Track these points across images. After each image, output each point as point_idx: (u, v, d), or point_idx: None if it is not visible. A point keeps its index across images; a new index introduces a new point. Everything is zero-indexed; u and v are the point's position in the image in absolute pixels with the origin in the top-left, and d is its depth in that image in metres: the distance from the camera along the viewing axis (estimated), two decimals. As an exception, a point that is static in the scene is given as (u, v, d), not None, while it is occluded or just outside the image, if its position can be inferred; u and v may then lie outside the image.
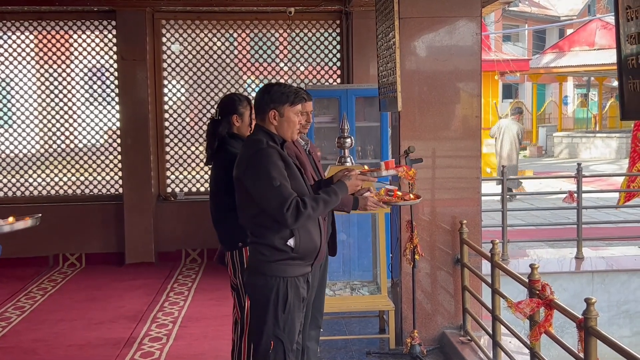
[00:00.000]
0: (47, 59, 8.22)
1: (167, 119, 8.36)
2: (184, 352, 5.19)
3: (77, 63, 8.27)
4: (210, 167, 4.10)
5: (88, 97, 8.30)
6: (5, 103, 8.35)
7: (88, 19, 8.14)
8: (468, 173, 5.19)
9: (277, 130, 3.33)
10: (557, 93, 29.27)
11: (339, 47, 8.39)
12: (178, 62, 8.35)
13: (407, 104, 5.03)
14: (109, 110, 8.31)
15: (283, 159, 3.24)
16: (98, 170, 8.37)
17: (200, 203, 7.85)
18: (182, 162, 8.45)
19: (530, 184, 14.49)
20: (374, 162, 7.20)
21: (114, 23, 8.06)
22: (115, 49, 8.10)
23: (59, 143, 8.27)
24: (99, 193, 8.33)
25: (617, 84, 2.56)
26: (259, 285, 3.26)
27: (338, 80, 8.41)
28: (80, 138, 8.33)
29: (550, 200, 12.46)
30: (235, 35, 8.48)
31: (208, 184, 4.29)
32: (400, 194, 4.12)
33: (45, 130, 8.27)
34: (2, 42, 8.18)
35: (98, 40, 8.24)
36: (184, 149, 8.43)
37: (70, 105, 8.27)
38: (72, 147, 8.29)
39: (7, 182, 8.26)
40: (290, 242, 3.22)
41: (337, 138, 5.25)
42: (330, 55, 8.42)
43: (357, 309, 5.49)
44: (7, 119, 8.35)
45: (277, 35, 8.58)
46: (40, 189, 8.28)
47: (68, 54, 8.27)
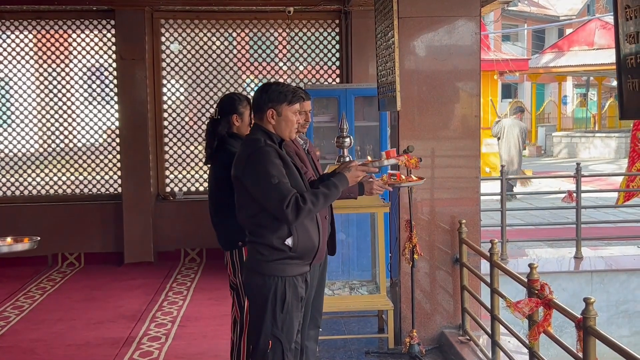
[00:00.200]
0: (46, 58, 8.21)
1: (166, 119, 8.36)
2: (183, 351, 5.19)
3: (76, 62, 8.27)
4: (210, 166, 4.10)
5: (87, 96, 8.30)
6: (4, 102, 8.34)
7: (87, 18, 8.14)
8: (467, 173, 5.19)
9: (275, 130, 3.33)
10: (556, 93, 29.28)
11: (338, 46, 8.39)
12: (177, 61, 8.35)
13: (406, 104, 5.03)
14: (108, 110, 8.30)
15: (281, 158, 3.24)
16: (97, 170, 8.36)
17: (200, 203, 7.84)
18: (181, 161, 8.44)
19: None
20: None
21: (113, 22, 8.06)
22: (114, 48, 8.10)
23: (58, 142, 8.27)
24: (98, 192, 8.33)
25: (616, 84, 2.56)
26: (257, 285, 3.26)
27: (337, 80, 8.41)
28: (79, 137, 8.32)
29: (550, 200, 12.46)
30: (235, 35, 8.48)
31: (207, 184, 4.28)
32: (404, 177, 4.13)
33: (44, 130, 8.27)
34: (1, 41, 8.17)
35: (97, 40, 8.24)
36: (183, 149, 8.42)
37: (69, 105, 8.27)
38: (71, 146, 8.29)
39: (6, 181, 8.25)
40: (288, 241, 3.21)
41: (336, 137, 5.25)
42: (330, 55, 8.42)
43: (356, 309, 5.49)
44: (6, 118, 8.34)
45: (276, 35, 8.58)
46: (39, 189, 8.27)
47: (67, 53, 8.27)
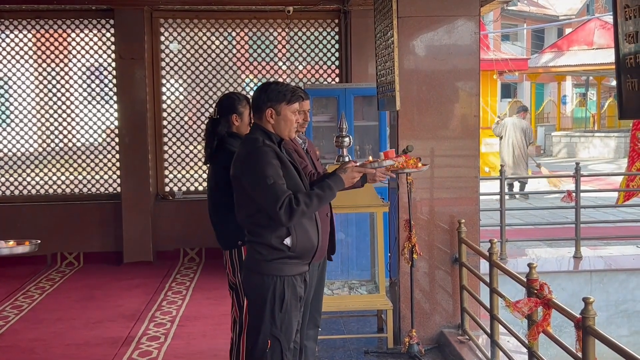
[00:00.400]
0: (45, 58, 8.21)
1: (165, 118, 8.36)
2: (182, 351, 5.19)
3: (75, 62, 8.26)
4: (209, 166, 4.09)
5: (86, 95, 8.30)
6: (4, 102, 8.34)
7: (86, 18, 8.14)
8: (466, 172, 5.18)
9: (274, 129, 3.33)
10: (555, 92, 29.27)
11: (338, 46, 8.38)
12: (176, 60, 8.35)
13: (405, 103, 5.03)
14: (107, 109, 8.30)
15: (279, 158, 3.24)
16: (96, 169, 8.36)
17: (199, 202, 7.84)
18: (180, 161, 8.44)
19: (530, 184, 14.46)
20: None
21: (112, 22, 8.05)
22: (114, 48, 8.09)
23: (57, 142, 8.26)
24: (97, 192, 8.33)
25: (615, 83, 2.56)
26: (256, 284, 3.26)
27: (336, 79, 8.40)
28: (79, 137, 8.32)
29: (549, 200, 12.47)
30: (234, 34, 8.48)
31: (206, 183, 4.28)
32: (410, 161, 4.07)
33: (44, 129, 8.26)
34: (0, 40, 8.17)
35: (96, 39, 8.24)
36: (182, 148, 8.42)
37: (69, 104, 8.26)
38: (70, 146, 8.29)
39: (5, 180, 8.25)
40: (287, 241, 3.21)
41: (335, 137, 5.26)
42: (329, 54, 8.41)
43: (355, 308, 5.48)
44: (5, 118, 8.34)
45: (275, 34, 8.58)
46: (39, 188, 8.27)
47: (66, 53, 8.26)
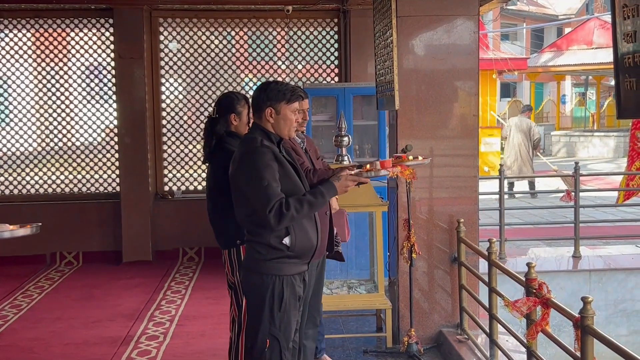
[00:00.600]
0: (44, 57, 8.21)
1: (164, 117, 8.36)
2: (181, 350, 5.19)
3: (74, 61, 8.26)
4: (208, 165, 4.09)
5: (85, 95, 8.29)
6: (3, 101, 8.33)
7: (85, 17, 8.13)
8: (465, 172, 5.19)
9: (273, 128, 3.33)
10: (555, 92, 29.28)
11: (337, 45, 8.38)
12: (175, 60, 8.34)
13: (404, 103, 5.03)
14: (107, 109, 8.30)
15: (277, 159, 3.23)
16: (95, 169, 8.36)
17: (198, 201, 7.83)
18: (179, 160, 8.44)
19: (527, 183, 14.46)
20: (372, 160, 7.19)
21: (111, 21, 8.05)
22: (113, 47, 8.09)
23: (57, 141, 8.26)
24: (97, 191, 8.32)
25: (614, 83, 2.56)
26: (255, 284, 3.26)
27: (336, 79, 8.40)
28: (78, 136, 8.32)
29: (548, 199, 12.47)
30: (233, 34, 8.48)
31: (205, 183, 4.27)
32: (411, 158, 4.05)
33: (43, 128, 8.26)
34: (-1, 39, 8.18)
35: (95, 38, 8.23)
36: (182, 147, 8.42)
37: (68, 103, 8.26)
38: (69, 145, 8.28)
39: (4, 180, 8.25)
40: (286, 240, 3.21)
41: (334, 136, 5.27)
42: (328, 54, 8.41)
43: (354, 308, 5.48)
44: (4, 117, 8.33)
45: (274, 34, 8.57)
46: (38, 187, 8.27)
47: (65, 52, 8.26)
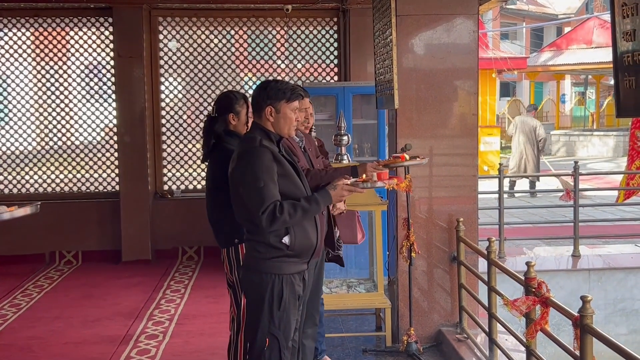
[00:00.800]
0: (43, 56, 8.20)
1: (163, 117, 8.35)
2: (181, 349, 5.19)
3: (73, 60, 8.25)
4: (207, 164, 4.09)
5: (85, 94, 8.29)
6: (2, 100, 8.33)
7: (85, 16, 8.13)
8: (465, 171, 5.19)
9: (273, 127, 3.33)
10: (554, 91, 29.28)
11: (337, 44, 8.38)
12: (175, 59, 8.34)
13: (404, 102, 5.03)
14: (106, 108, 8.30)
15: (276, 159, 3.23)
16: (95, 168, 8.35)
17: (197, 200, 7.82)
18: (178, 159, 8.44)
19: (526, 183, 14.48)
20: (371, 159, 7.20)
21: (111, 20, 8.05)
22: (112, 46, 8.09)
23: (56, 140, 8.26)
24: (96, 190, 8.32)
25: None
26: (255, 283, 3.26)
27: (335, 78, 8.40)
28: (77, 135, 8.32)
29: (548, 198, 12.47)
30: (233, 33, 8.47)
31: (205, 181, 4.27)
32: (408, 158, 4.01)
33: (42, 128, 8.26)
34: (-2, 38, 8.17)
35: (95, 37, 8.23)
36: (181, 147, 8.42)
37: (67, 103, 8.26)
38: (68, 144, 8.28)
39: (3, 179, 8.24)
40: (286, 239, 3.21)
41: (334, 136, 5.26)
42: (328, 53, 8.41)
43: (353, 307, 5.48)
44: (3, 116, 8.33)
45: (274, 33, 8.57)
46: (37, 186, 8.26)
47: (65, 51, 8.26)
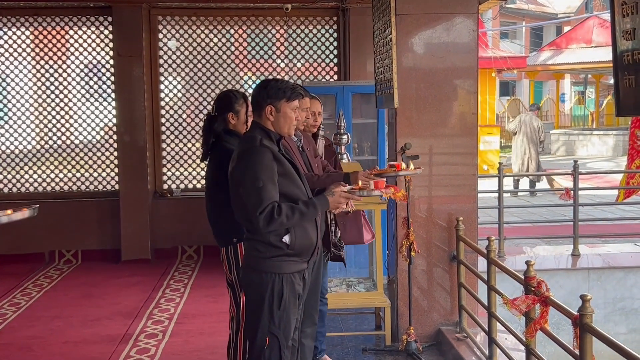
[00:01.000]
0: (43, 55, 8.20)
1: (163, 116, 8.35)
2: (180, 348, 5.19)
3: (73, 59, 8.25)
4: (206, 163, 4.09)
5: (84, 93, 8.28)
6: (2, 99, 8.32)
7: (84, 15, 8.13)
8: (464, 170, 5.19)
9: (273, 127, 3.32)
10: (554, 90, 29.25)
11: (336, 43, 8.38)
12: (174, 58, 8.34)
13: (403, 101, 5.03)
14: (105, 107, 8.29)
15: (276, 158, 3.23)
16: (94, 167, 8.35)
17: (197, 199, 7.81)
18: (178, 158, 8.44)
19: (527, 182, 14.47)
20: (371, 159, 7.21)
21: (110, 19, 8.04)
22: (112, 45, 8.08)
23: (55, 139, 8.26)
24: (95, 189, 8.32)
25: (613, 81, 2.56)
26: (254, 282, 3.26)
27: (335, 77, 8.40)
28: (77, 134, 8.31)
29: (547, 197, 12.47)
30: (232, 32, 8.47)
31: (204, 180, 4.27)
32: (404, 167, 4.02)
33: (42, 127, 8.26)
34: (-2, 37, 8.17)
35: (94, 37, 8.22)
36: (180, 146, 8.42)
37: (67, 102, 8.26)
38: (68, 143, 8.28)
39: (2, 178, 8.24)
40: (286, 238, 3.21)
41: (333, 135, 5.27)
42: (327, 52, 8.41)
43: (353, 306, 5.49)
44: (2, 115, 8.32)
45: (274, 32, 8.57)
46: (37, 185, 8.26)
47: (64, 50, 8.25)
